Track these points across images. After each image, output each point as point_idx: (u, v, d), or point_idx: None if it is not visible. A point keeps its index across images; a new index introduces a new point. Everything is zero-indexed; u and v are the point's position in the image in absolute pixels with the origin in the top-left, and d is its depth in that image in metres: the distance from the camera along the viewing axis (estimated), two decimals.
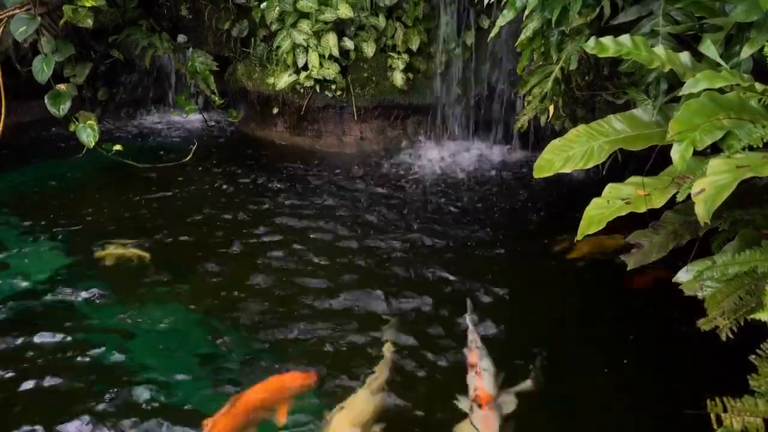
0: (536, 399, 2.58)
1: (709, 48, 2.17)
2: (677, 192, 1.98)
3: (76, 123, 4.39)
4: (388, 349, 2.75)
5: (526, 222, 4.11)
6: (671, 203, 2.05)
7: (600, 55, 2.24)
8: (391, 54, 5.00)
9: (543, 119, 3.25)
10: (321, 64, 4.86)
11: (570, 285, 3.38)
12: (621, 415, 2.52)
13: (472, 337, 2.78)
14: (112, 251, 3.57)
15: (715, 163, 1.80)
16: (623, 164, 2.68)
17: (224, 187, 4.58)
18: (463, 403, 2.45)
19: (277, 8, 4.79)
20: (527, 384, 2.58)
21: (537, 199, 4.38)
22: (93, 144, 4.36)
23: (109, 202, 4.35)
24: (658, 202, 2.02)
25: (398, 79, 4.95)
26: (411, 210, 4.24)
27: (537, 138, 4.75)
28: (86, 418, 2.46)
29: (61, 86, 4.50)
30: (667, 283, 2.13)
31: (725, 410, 1.51)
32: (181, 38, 5.62)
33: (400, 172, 4.86)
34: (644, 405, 2.53)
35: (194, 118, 5.79)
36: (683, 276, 2.14)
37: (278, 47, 4.92)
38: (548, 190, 4.43)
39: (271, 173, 4.83)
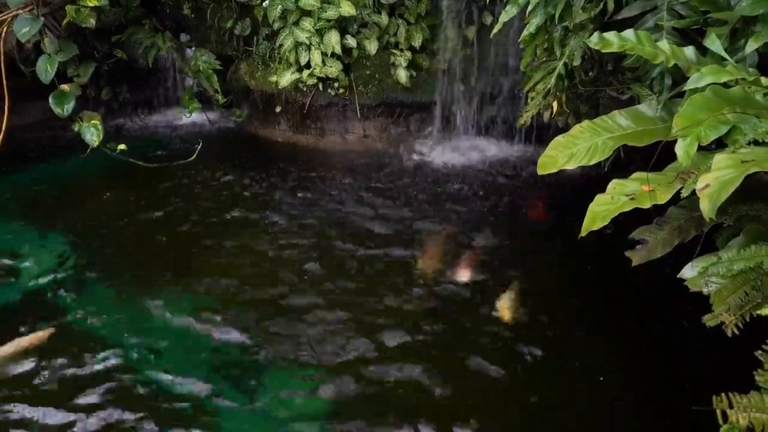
0: (537, 398, 2.58)
1: (714, 42, 2.15)
2: (682, 187, 1.98)
3: (81, 123, 4.40)
4: None
5: (527, 220, 4.10)
6: (676, 199, 2.04)
7: (603, 51, 2.23)
8: (394, 51, 4.99)
9: (546, 115, 3.24)
10: (323, 62, 4.85)
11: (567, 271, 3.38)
12: (626, 413, 2.52)
13: None
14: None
15: (719, 158, 1.79)
16: (627, 160, 2.68)
17: (228, 186, 4.58)
18: None
19: (280, 6, 4.79)
20: None
21: (539, 196, 4.38)
22: (97, 143, 4.36)
23: (113, 201, 4.36)
24: (663, 198, 2.01)
25: (402, 76, 4.94)
26: (413, 207, 4.23)
27: (541, 134, 4.73)
28: (86, 413, 2.47)
29: (65, 86, 4.51)
30: None
31: (731, 406, 1.50)
32: (184, 37, 5.62)
33: (402, 169, 4.86)
34: (649, 401, 2.53)
35: (198, 117, 5.80)
36: (688, 272, 2.14)
37: (281, 45, 4.92)
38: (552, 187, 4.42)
39: (274, 172, 4.83)
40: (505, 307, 3.10)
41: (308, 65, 4.89)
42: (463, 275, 3.43)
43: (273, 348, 2.87)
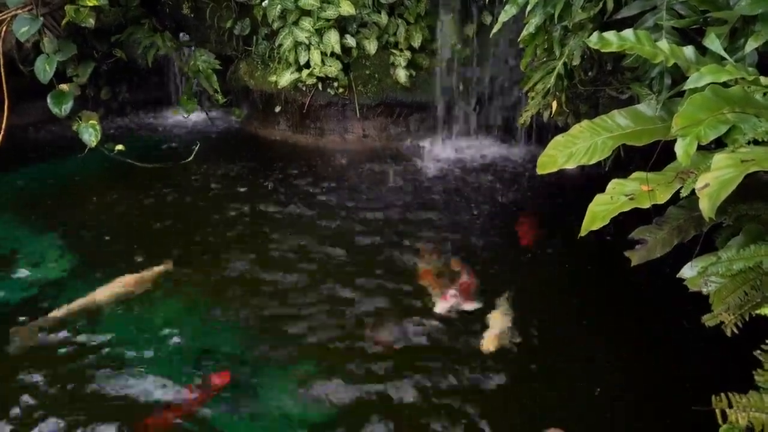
0: (537, 398, 2.58)
1: (714, 42, 2.15)
2: (681, 187, 1.97)
3: (79, 122, 4.40)
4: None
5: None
6: (675, 198, 2.04)
7: (603, 50, 2.23)
8: (394, 51, 4.99)
9: (546, 115, 3.24)
10: (323, 62, 4.85)
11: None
12: (626, 413, 2.52)
13: None
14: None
15: (719, 158, 1.79)
16: (627, 160, 2.67)
17: (227, 186, 4.58)
18: None
19: (279, 6, 4.78)
20: None
21: (540, 196, 4.37)
22: (95, 143, 4.36)
23: (111, 202, 4.36)
24: (662, 198, 2.01)
25: (402, 75, 4.94)
26: (412, 207, 4.23)
27: (540, 134, 4.73)
28: (89, 414, 2.47)
29: (64, 86, 4.50)
30: None
31: (730, 406, 1.50)
32: (184, 37, 5.62)
33: (402, 169, 4.86)
34: (649, 401, 2.52)
35: (197, 117, 5.79)
36: (688, 272, 2.13)
37: (280, 45, 4.91)
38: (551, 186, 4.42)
39: (274, 172, 4.83)
40: (504, 307, 3.09)
41: (308, 65, 4.89)
42: (461, 275, 3.42)
43: (266, 345, 2.88)
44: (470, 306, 3.10)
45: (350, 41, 4.89)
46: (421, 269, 3.46)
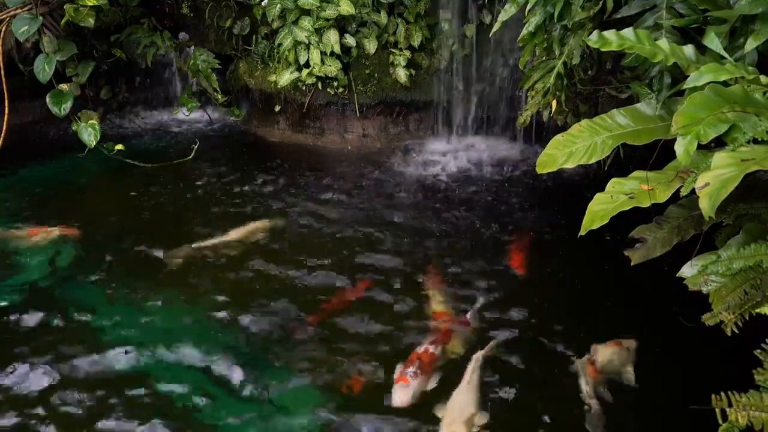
0: (537, 394, 2.58)
1: (713, 41, 2.15)
2: (681, 186, 1.98)
3: (78, 122, 4.40)
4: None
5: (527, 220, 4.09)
6: (675, 198, 2.04)
7: (603, 49, 2.23)
8: (393, 50, 4.99)
9: (546, 114, 3.24)
10: (323, 62, 4.85)
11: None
12: (626, 413, 2.52)
13: None
14: None
15: (719, 157, 1.79)
16: (626, 159, 2.67)
17: (226, 185, 4.58)
18: None
19: (279, 5, 4.78)
20: None
21: (539, 195, 4.37)
22: (94, 143, 4.36)
23: (111, 201, 4.36)
24: (662, 197, 2.01)
25: (401, 75, 4.93)
26: (412, 206, 4.23)
27: (540, 133, 4.73)
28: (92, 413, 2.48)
29: (63, 86, 4.50)
30: None
31: (730, 405, 1.50)
32: (183, 36, 5.62)
33: (401, 169, 4.85)
34: (650, 401, 2.52)
35: (196, 117, 5.79)
36: (687, 271, 2.13)
37: (280, 45, 4.91)
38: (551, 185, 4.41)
39: (273, 171, 4.83)
40: (475, 373, 2.77)
41: (307, 64, 4.89)
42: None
43: (260, 346, 2.89)
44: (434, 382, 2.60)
45: (350, 41, 4.89)
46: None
